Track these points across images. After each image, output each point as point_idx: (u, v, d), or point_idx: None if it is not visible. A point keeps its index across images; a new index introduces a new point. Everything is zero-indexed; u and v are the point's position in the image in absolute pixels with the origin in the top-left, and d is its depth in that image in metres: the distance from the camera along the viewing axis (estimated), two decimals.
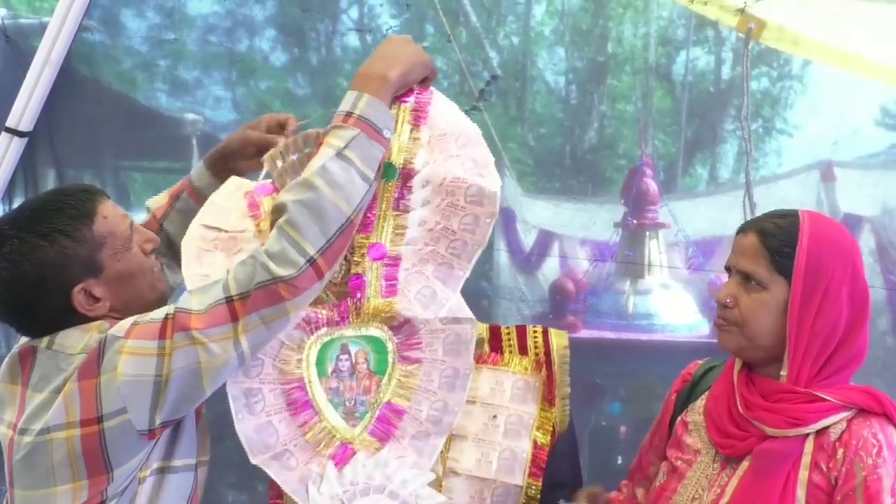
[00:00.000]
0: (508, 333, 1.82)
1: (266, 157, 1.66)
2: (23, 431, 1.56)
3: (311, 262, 1.45)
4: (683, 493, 1.67)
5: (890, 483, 1.53)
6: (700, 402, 1.70)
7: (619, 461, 4.42)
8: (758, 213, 3.73)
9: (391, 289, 1.67)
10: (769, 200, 5.18)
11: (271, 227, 1.51)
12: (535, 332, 1.79)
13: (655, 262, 4.65)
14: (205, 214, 1.76)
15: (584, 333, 4.60)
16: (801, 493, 1.55)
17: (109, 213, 1.63)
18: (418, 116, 1.70)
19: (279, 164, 1.65)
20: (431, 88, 1.73)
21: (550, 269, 6.23)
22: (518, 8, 9.62)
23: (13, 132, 3.61)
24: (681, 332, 4.63)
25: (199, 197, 1.91)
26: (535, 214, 6.82)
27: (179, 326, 1.49)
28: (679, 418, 1.74)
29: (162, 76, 7.35)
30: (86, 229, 1.58)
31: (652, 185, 4.72)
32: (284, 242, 1.45)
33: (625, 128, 9.22)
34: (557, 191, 8.35)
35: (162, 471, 1.63)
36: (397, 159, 1.64)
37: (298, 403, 1.68)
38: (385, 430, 1.69)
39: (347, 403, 1.69)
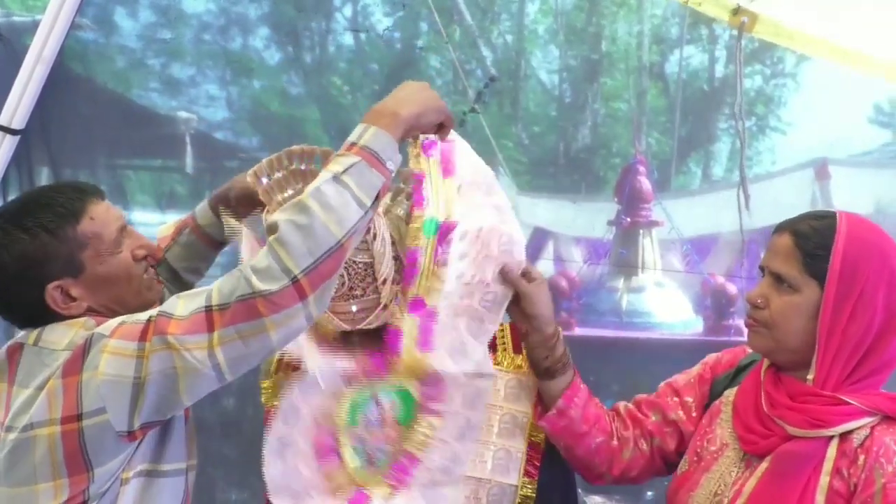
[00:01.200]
0: (502, 331, 1.83)
1: (250, 173, 1.67)
2: (8, 429, 1.57)
3: (294, 280, 1.44)
4: (706, 487, 1.66)
5: None
6: (732, 393, 1.69)
7: None
8: (752, 208, 3.74)
9: (426, 343, 1.69)
10: (764, 199, 5.19)
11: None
12: None
13: (649, 261, 4.65)
14: None
15: (578, 332, 4.59)
16: (820, 498, 1.53)
17: (99, 214, 1.63)
18: (447, 169, 1.72)
19: (264, 180, 1.66)
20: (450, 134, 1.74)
21: (545, 267, 6.24)
22: (512, 6, 9.61)
23: (6, 130, 3.60)
24: (675, 329, 4.63)
25: (201, 234, 1.92)
26: (531, 213, 6.82)
27: (159, 330, 1.48)
28: (713, 403, 1.72)
29: (156, 75, 7.32)
30: (70, 228, 1.59)
31: (645, 184, 4.73)
32: (271, 259, 1.45)
33: (619, 126, 9.22)
34: (552, 189, 8.35)
35: (150, 474, 1.63)
36: (438, 215, 1.66)
37: (325, 449, 1.70)
38: (400, 478, 1.71)
39: (369, 452, 1.72)
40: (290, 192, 1.65)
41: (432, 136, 1.69)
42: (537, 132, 9.76)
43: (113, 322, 1.54)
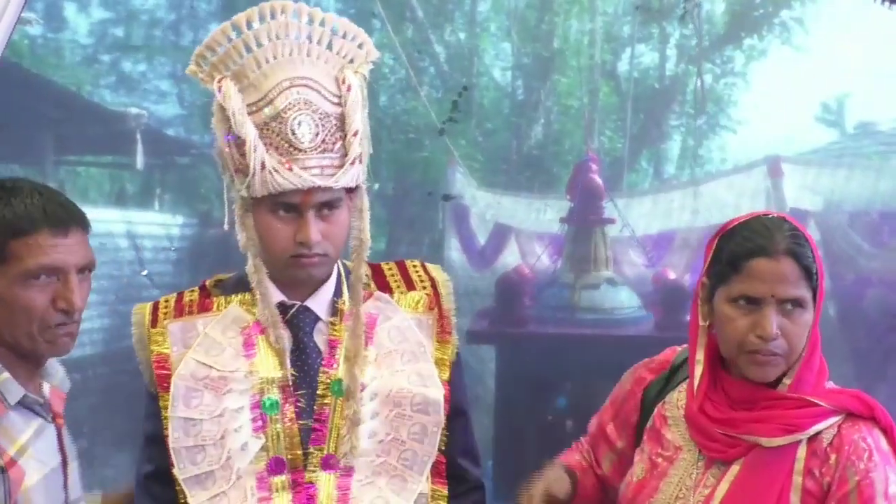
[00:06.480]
0: (391, 269, 1.87)
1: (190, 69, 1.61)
2: None
3: None
4: (666, 492, 1.65)
5: (882, 487, 1.55)
6: (677, 395, 1.69)
7: None
8: (705, 206, 3.79)
9: (344, 498, 1.74)
10: (716, 196, 5.26)
11: None
12: (414, 266, 1.85)
13: (601, 258, 4.69)
14: (199, 348, 1.77)
15: (532, 328, 4.62)
16: (794, 498, 1.55)
17: (40, 243, 1.51)
18: (367, 338, 1.80)
19: (202, 76, 1.64)
20: (382, 300, 1.81)
21: (505, 263, 6.26)
22: (464, 4, 9.61)
23: None
24: (626, 326, 4.67)
25: None
26: (487, 209, 6.86)
27: None
28: (657, 409, 1.72)
29: (106, 71, 7.25)
30: (1, 239, 1.51)
31: (597, 181, 4.76)
32: None
33: (571, 124, 9.27)
34: (505, 186, 8.40)
35: None
36: (345, 377, 1.72)
37: None
38: None
39: None
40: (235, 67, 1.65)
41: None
42: (490, 129, 9.81)
43: None
